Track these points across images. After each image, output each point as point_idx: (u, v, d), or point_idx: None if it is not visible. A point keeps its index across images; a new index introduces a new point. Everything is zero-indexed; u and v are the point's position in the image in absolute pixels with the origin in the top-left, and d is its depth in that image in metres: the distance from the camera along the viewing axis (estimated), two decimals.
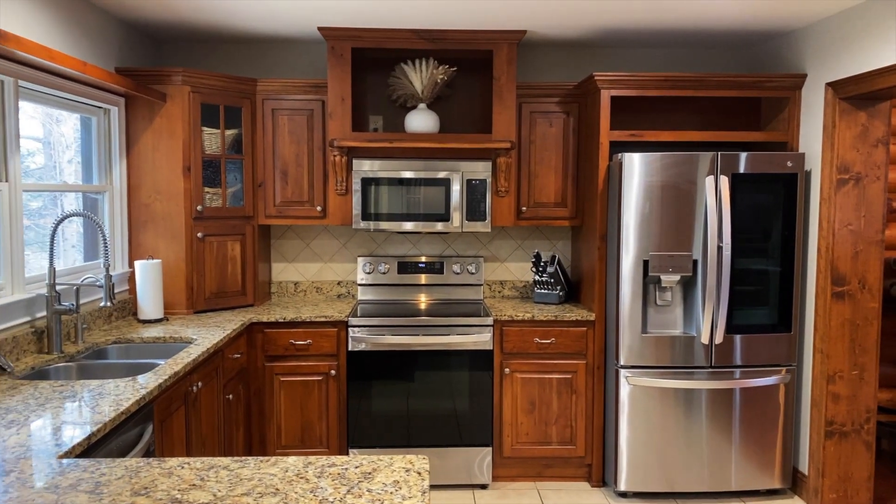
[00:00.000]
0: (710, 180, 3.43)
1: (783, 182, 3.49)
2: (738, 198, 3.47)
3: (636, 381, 3.51)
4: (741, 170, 3.46)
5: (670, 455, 3.55)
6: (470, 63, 4.07)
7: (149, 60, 3.97)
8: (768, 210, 3.51)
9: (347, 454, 3.71)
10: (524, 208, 3.95)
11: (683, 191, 3.46)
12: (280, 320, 3.62)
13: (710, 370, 3.53)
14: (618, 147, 3.79)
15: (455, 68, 3.91)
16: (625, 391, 3.53)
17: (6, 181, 2.68)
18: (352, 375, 3.67)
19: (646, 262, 3.47)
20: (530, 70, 4.22)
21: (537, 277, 4.03)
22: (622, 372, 3.53)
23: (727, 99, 3.96)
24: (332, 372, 3.67)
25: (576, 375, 3.73)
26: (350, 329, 3.64)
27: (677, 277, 3.48)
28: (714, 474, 3.57)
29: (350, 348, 3.65)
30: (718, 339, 3.49)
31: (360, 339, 3.63)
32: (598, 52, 4.21)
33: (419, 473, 1.60)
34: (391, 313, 3.76)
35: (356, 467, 1.63)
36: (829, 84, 3.40)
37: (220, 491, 1.49)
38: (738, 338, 3.52)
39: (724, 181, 3.43)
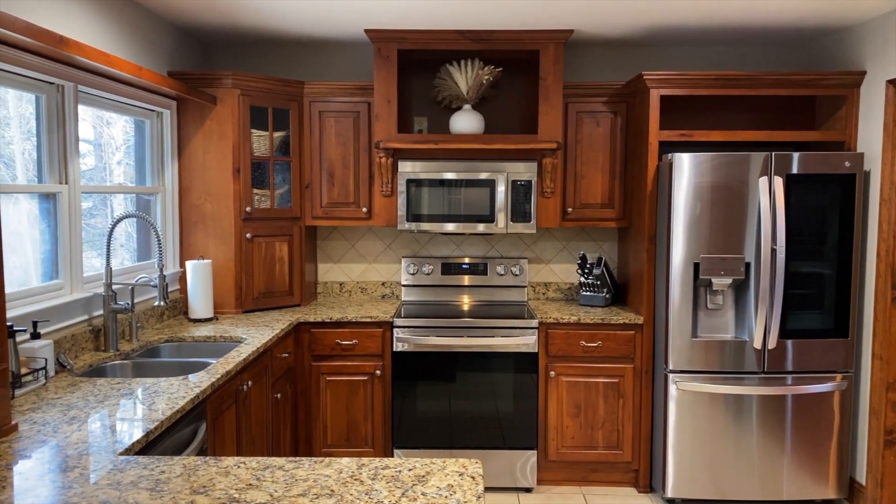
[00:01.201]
0: (763, 181, 3.34)
1: (840, 183, 3.38)
2: (793, 199, 3.38)
3: (685, 385, 3.44)
4: (795, 170, 3.36)
5: (720, 462, 3.47)
6: (515, 63, 4.05)
7: (198, 64, 4.04)
8: (824, 212, 3.40)
9: (392, 454, 3.72)
10: (570, 209, 3.91)
11: (735, 192, 3.38)
12: (326, 320, 3.66)
13: (763, 376, 3.44)
14: (666, 147, 3.73)
15: (500, 69, 3.89)
16: (673, 396, 3.46)
17: (66, 183, 2.76)
18: (396, 376, 3.68)
19: (696, 265, 3.40)
20: (577, 69, 4.17)
21: (583, 279, 3.99)
22: (671, 376, 3.46)
23: (780, 97, 3.86)
24: (378, 372, 3.69)
25: (623, 379, 3.68)
26: (395, 330, 3.65)
27: (729, 280, 3.40)
28: (765, 482, 3.48)
29: (395, 349, 3.66)
30: (772, 343, 3.40)
31: (405, 339, 3.64)
32: (645, 50, 4.15)
33: (473, 478, 1.59)
34: (435, 314, 3.76)
35: (409, 470, 1.63)
36: (889, 81, 3.28)
37: (276, 491, 1.51)
38: (791, 343, 3.42)
39: (779, 182, 3.34)
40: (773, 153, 3.36)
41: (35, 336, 2.40)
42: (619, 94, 3.84)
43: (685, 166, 3.38)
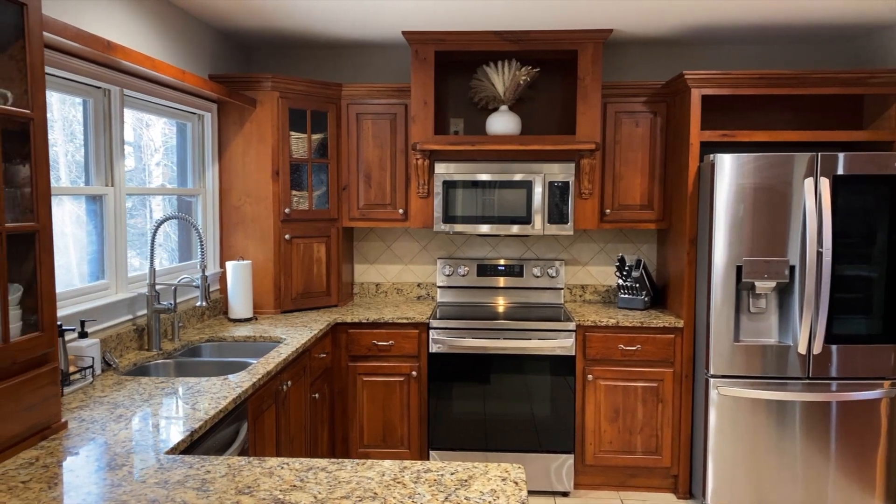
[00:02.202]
0: (808, 182, 3.26)
1: (889, 184, 3.28)
2: (839, 200, 3.29)
3: (727, 391, 3.38)
4: (841, 171, 3.28)
5: (762, 469, 3.40)
6: (552, 63, 4.02)
7: (238, 67, 4.10)
8: (872, 213, 3.31)
9: (428, 455, 3.72)
10: (608, 211, 3.86)
11: (779, 193, 3.30)
12: (363, 321, 3.67)
13: (807, 381, 3.36)
14: (707, 148, 3.66)
15: (538, 69, 3.86)
16: (714, 401, 3.40)
17: (112, 185, 2.82)
18: (432, 377, 3.68)
19: (738, 268, 3.34)
20: (615, 69, 4.12)
21: (621, 282, 3.94)
22: (712, 381, 3.40)
23: (824, 96, 3.76)
24: (414, 373, 3.69)
25: (662, 384, 3.62)
26: (431, 331, 3.65)
27: (773, 284, 3.32)
28: (808, 491, 3.39)
29: (431, 350, 3.66)
30: (817, 349, 3.31)
31: (441, 341, 3.64)
32: (686, 49, 4.08)
33: (516, 483, 1.57)
34: (471, 316, 3.75)
35: (452, 474, 1.62)
36: None
37: (320, 493, 1.51)
38: (837, 348, 3.33)
39: (825, 183, 3.26)
40: (819, 154, 3.27)
41: (82, 335, 2.46)
42: (659, 94, 3.79)
43: (727, 167, 3.31)
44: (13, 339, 1.70)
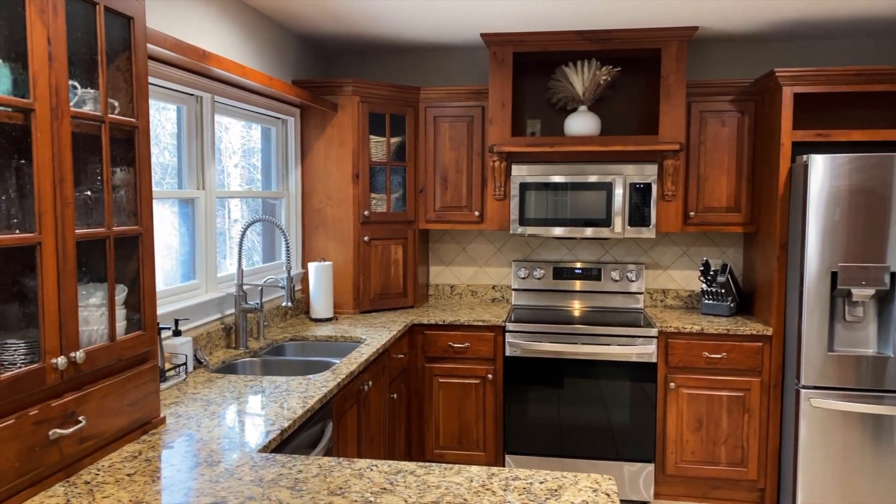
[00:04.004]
0: None
1: None
2: None
3: (819, 402, 3.22)
4: None
5: (855, 486, 3.22)
6: (633, 62, 3.93)
7: (319, 72, 4.18)
8: None
9: (503, 459, 3.70)
10: (692, 213, 3.75)
11: (878, 196, 3.12)
12: (440, 322, 3.69)
13: None
14: (798, 148, 3.50)
15: (618, 68, 3.78)
16: (805, 413, 3.24)
17: (203, 189, 2.92)
18: (508, 380, 3.66)
19: (833, 274, 3.17)
20: (699, 67, 3.99)
21: (705, 287, 3.81)
22: (803, 392, 3.25)
23: None
24: (489, 376, 3.68)
25: (749, 393, 3.49)
26: (506, 334, 3.63)
27: (871, 291, 3.15)
28: None
29: (506, 353, 3.64)
30: None
31: (517, 344, 3.61)
32: (775, 45, 3.91)
33: (608, 495, 1.54)
34: (547, 319, 3.71)
35: (541, 483, 1.60)
36: None
37: (410, 497, 1.52)
38: None
39: None
40: None
41: (176, 333, 2.56)
42: (747, 93, 3.65)
43: (821, 168, 3.16)
44: (119, 338, 1.79)
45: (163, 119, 2.87)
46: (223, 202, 3.49)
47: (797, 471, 3.29)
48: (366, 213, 3.79)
